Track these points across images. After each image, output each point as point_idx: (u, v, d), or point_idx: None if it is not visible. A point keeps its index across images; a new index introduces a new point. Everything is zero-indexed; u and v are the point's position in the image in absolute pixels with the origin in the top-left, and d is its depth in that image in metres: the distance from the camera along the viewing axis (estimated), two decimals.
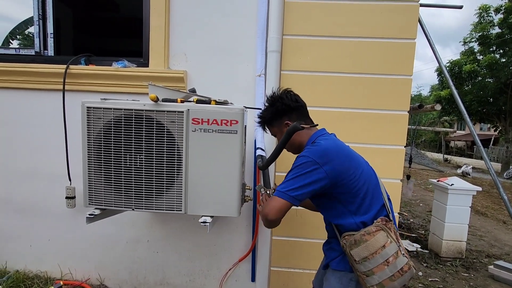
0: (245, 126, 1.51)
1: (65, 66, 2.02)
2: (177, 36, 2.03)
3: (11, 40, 2.78)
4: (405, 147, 1.96)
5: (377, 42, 1.90)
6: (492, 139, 23.62)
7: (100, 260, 2.21)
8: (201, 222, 1.42)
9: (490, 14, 13.80)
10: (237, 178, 1.44)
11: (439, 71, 16.24)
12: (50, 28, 2.19)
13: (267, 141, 1.90)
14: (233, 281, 2.15)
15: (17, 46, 2.31)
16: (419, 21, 3.44)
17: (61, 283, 1.91)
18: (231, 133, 1.41)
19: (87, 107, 1.43)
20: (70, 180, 2.08)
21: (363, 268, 1.09)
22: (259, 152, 1.81)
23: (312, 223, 2.01)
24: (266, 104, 1.38)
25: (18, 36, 2.74)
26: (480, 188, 3.37)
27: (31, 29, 2.60)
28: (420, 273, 3.07)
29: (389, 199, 1.25)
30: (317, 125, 1.30)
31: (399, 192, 1.99)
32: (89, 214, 1.47)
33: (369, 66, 1.91)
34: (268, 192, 1.40)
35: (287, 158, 1.53)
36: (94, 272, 2.22)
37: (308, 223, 2.02)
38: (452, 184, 3.31)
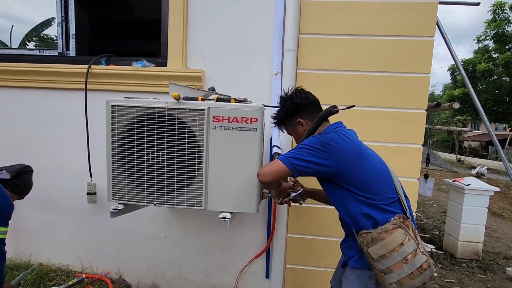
0: (264, 124, 1.53)
1: (86, 66, 2.08)
2: (195, 36, 2.07)
3: (27, 42, 2.88)
4: (422, 145, 1.95)
5: (395, 40, 1.89)
6: (508, 139, 22.93)
7: (119, 255, 2.27)
8: (221, 218, 1.45)
9: (505, 11, 13.41)
10: (256, 175, 1.46)
11: (452, 70, 15.91)
12: (72, 30, 2.26)
13: (282, 139, 1.92)
14: (249, 277, 2.17)
15: (41, 47, 2.39)
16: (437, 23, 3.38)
17: (83, 276, 1.97)
18: (250, 130, 1.43)
19: (112, 105, 1.48)
20: (91, 176, 2.15)
21: (381, 266, 1.09)
22: (275, 150, 1.83)
23: (328, 221, 2.01)
24: (279, 105, 1.41)
25: (34, 38, 2.82)
26: (497, 189, 3.30)
27: (46, 31, 2.70)
28: (436, 274, 3.03)
29: (406, 196, 1.25)
30: (353, 105, 1.30)
31: (416, 191, 1.97)
32: (113, 209, 1.52)
33: (386, 64, 1.90)
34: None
35: None
36: (113, 266, 2.28)
37: (324, 221, 2.03)
38: (468, 184, 3.25)
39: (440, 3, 3.94)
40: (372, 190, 1.17)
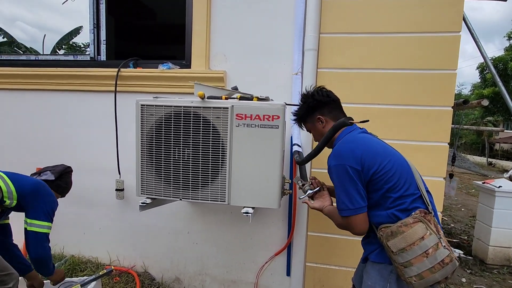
0: (285, 122, 1.56)
1: (116, 69, 2.21)
2: (217, 38, 2.14)
3: (57, 50, 3.08)
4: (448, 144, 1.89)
5: (419, 36, 1.86)
6: None
7: (145, 249, 2.38)
8: (244, 213, 1.49)
9: None
10: (278, 171, 1.49)
11: (481, 68, 15.15)
12: (103, 36, 2.41)
13: (303, 138, 1.94)
14: (269, 274, 2.20)
15: (75, 53, 2.56)
16: (464, 18, 3.27)
17: (112, 267, 2.08)
18: (272, 128, 1.46)
19: (141, 105, 1.56)
20: (119, 173, 2.27)
21: (401, 259, 1.09)
22: (295, 148, 1.86)
23: None
24: (300, 102, 1.44)
25: (63, 46, 3.01)
26: None
27: (75, 39, 2.87)
28: (464, 280, 2.91)
29: (428, 192, 1.24)
30: (368, 120, 1.31)
31: (442, 191, 1.91)
32: (142, 203, 1.60)
33: (410, 61, 1.87)
34: (305, 184, 1.43)
35: (324, 155, 1.56)
36: (139, 260, 2.39)
37: None
38: (500, 186, 3.09)
39: None
40: (394, 188, 1.16)
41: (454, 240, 3.87)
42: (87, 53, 2.44)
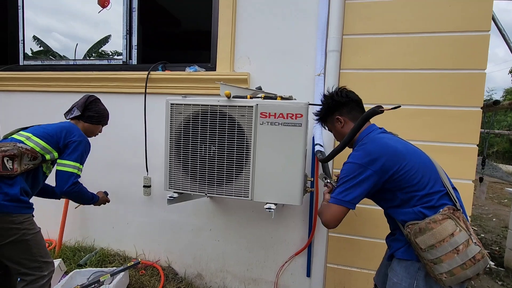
0: (308, 121, 1.59)
1: (146, 72, 2.34)
2: (242, 41, 2.21)
3: (88, 58, 3.26)
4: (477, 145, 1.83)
5: (446, 36, 1.83)
6: None
7: (169, 244, 2.47)
8: (266, 208, 1.53)
9: None
10: (300, 168, 1.52)
11: None
12: (134, 41, 2.57)
13: (325, 138, 1.95)
14: (289, 274, 2.21)
15: (109, 58, 2.75)
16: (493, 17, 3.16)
17: (139, 260, 2.18)
18: (296, 126, 1.50)
19: (171, 104, 1.66)
20: (147, 171, 2.39)
21: (430, 256, 1.08)
22: (317, 147, 1.87)
23: (371, 222, 1.98)
24: (322, 103, 1.47)
25: (93, 54, 3.20)
26: None
27: (104, 47, 3.04)
28: None
29: (454, 188, 1.22)
30: (399, 106, 1.30)
31: (471, 194, 1.85)
32: (169, 197, 1.68)
33: (437, 61, 1.85)
34: (329, 181, 1.45)
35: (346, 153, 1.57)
36: (163, 255, 2.48)
37: (367, 221, 2.00)
38: None
39: None
40: (419, 186, 1.16)
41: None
42: (120, 57, 2.61)
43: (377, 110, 1.26)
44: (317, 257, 2.07)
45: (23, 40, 2.86)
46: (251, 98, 1.59)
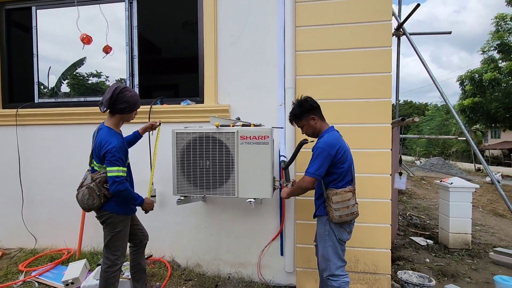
0: (273, 140, 2.33)
1: (146, 106, 2.99)
2: (223, 81, 2.95)
3: (62, 80, 3.76)
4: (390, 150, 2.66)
5: (369, 76, 2.67)
6: None
7: (172, 242, 3.06)
8: (248, 201, 2.23)
9: (507, 22, 13.94)
10: (269, 173, 2.24)
11: (461, 80, 16.28)
12: (136, 81, 3.23)
13: (287, 151, 2.70)
14: (268, 256, 2.88)
15: None
16: (410, 40, 4.14)
17: (151, 254, 2.75)
18: (264, 144, 2.23)
19: (176, 132, 2.33)
20: (152, 184, 3.00)
21: (334, 206, 1.91)
22: (282, 158, 2.61)
23: None
24: (294, 104, 2.12)
25: (68, 76, 3.69)
26: (478, 186, 3.86)
27: (79, 70, 3.56)
28: (428, 260, 3.58)
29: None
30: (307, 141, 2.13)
31: (389, 184, 2.66)
32: (178, 199, 2.33)
33: (356, 93, 2.68)
34: (287, 184, 2.18)
35: (304, 164, 2.31)
36: (167, 251, 3.06)
37: None
38: (451, 183, 3.84)
39: (411, 34, 4.74)
40: (344, 177, 1.94)
41: (426, 233, 4.55)
42: None
43: (304, 142, 2.08)
44: (288, 240, 2.77)
45: (38, 81, 3.41)
46: (233, 126, 2.31)
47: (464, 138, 15.29)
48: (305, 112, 2.08)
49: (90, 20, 3.26)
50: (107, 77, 3.56)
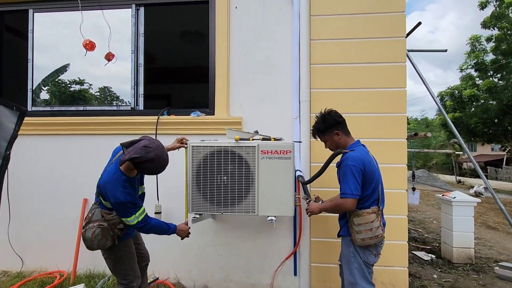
0: (294, 154, 2.23)
1: (153, 116, 2.84)
2: (235, 92, 2.85)
3: (43, 87, 3.55)
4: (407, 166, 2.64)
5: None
6: (505, 159, 23.62)
7: (176, 262, 2.85)
8: (269, 220, 2.10)
9: (482, 43, 14.88)
10: (291, 189, 2.14)
11: (441, 96, 17.05)
12: (141, 91, 3.07)
13: (302, 166, 2.61)
14: (281, 276, 2.74)
15: (118, 104, 3.19)
16: (407, 55, 4.27)
17: (157, 276, 2.53)
18: (286, 159, 2.14)
19: (192, 146, 2.20)
20: (158, 199, 2.81)
21: (356, 229, 1.81)
22: (298, 173, 2.52)
23: None
24: (318, 118, 2.02)
25: (49, 83, 3.48)
26: (479, 200, 3.91)
27: (61, 77, 3.37)
28: (435, 276, 3.55)
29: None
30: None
31: (405, 198, 2.62)
32: (193, 217, 2.17)
33: (371, 108, 2.66)
34: (310, 200, 2.08)
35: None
36: (172, 272, 2.85)
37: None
38: (454, 197, 3.87)
39: (409, 51, 4.90)
40: (372, 193, 1.86)
41: (427, 247, 4.55)
42: (128, 103, 3.07)
43: (341, 151, 1.92)
44: (303, 259, 2.65)
45: (32, 88, 3.17)
46: (252, 139, 2.21)
47: (452, 151, 15.92)
48: (328, 127, 1.99)
49: (93, 25, 3.11)
50: (90, 84, 3.37)
